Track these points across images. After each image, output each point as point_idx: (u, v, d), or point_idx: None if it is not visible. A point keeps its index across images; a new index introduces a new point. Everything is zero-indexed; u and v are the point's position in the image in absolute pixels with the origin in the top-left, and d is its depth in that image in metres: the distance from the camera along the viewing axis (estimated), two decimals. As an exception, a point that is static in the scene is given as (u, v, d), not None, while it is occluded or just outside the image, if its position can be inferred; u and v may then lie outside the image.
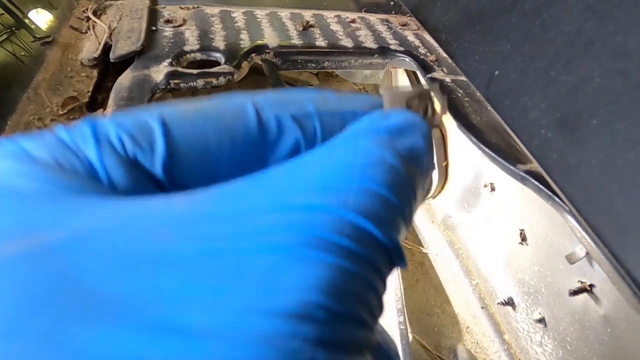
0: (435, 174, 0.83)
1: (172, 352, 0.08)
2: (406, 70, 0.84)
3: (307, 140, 0.15)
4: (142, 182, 0.13)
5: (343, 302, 0.10)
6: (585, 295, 0.53)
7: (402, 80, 0.89)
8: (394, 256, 0.12)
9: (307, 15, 0.76)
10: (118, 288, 0.09)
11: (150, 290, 0.09)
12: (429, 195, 0.89)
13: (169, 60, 0.58)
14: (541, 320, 0.63)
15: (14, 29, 0.63)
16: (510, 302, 0.70)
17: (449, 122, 0.78)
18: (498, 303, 0.71)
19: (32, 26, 0.64)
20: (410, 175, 0.14)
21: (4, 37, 0.61)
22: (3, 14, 0.65)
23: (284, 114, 0.15)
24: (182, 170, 0.13)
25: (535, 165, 0.47)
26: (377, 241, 0.12)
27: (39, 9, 0.69)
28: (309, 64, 0.67)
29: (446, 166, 0.82)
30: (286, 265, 0.10)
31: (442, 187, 0.86)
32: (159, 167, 0.13)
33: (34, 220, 0.10)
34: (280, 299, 0.09)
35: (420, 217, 0.93)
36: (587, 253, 0.47)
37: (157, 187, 0.13)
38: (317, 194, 0.11)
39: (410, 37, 0.74)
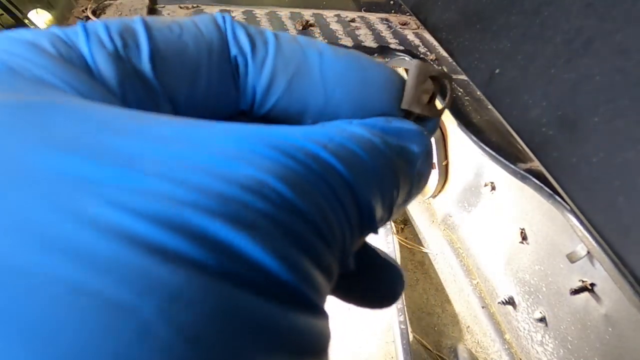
0: (435, 174, 0.83)
1: (115, 176, 0.09)
2: (406, 70, 0.84)
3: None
4: (130, 78, 0.13)
5: (299, 196, 0.10)
6: (586, 294, 0.53)
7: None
8: (363, 206, 0.12)
9: (307, 14, 0.76)
10: (75, 129, 0.09)
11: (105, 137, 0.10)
12: (429, 195, 0.89)
13: (169, 59, 0.58)
14: (542, 320, 0.63)
15: (13, 28, 0.63)
16: (510, 302, 0.70)
17: (449, 121, 0.78)
18: (499, 302, 0.71)
19: (32, 27, 0.64)
20: (395, 165, 0.14)
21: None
22: (3, 14, 0.65)
23: (253, 31, 0.15)
24: (166, 72, 0.13)
25: (535, 164, 0.47)
26: (344, 179, 0.12)
27: (39, 10, 0.69)
28: (308, 64, 0.67)
29: (446, 165, 0.82)
30: (246, 152, 0.10)
31: (443, 187, 0.86)
32: (146, 62, 0.13)
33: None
34: (240, 170, 0.09)
35: (421, 217, 0.93)
36: (588, 252, 0.47)
37: (144, 88, 0.13)
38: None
39: (410, 36, 0.74)
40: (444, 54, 0.67)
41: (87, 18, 0.66)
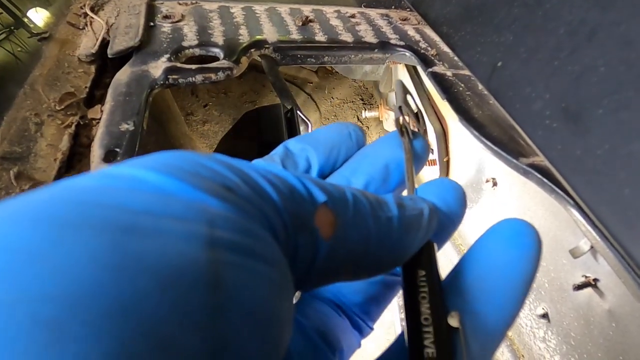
0: (436, 170, 0.83)
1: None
2: (406, 66, 0.84)
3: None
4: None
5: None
6: (589, 289, 0.53)
7: (402, 77, 0.88)
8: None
9: (307, 10, 0.75)
10: None
11: None
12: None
13: (168, 55, 0.57)
14: (544, 316, 0.62)
15: (12, 28, 0.63)
16: (513, 298, 0.69)
17: (450, 116, 0.77)
18: (501, 299, 0.71)
19: (31, 25, 0.63)
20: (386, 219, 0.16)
21: (3, 36, 0.60)
22: (2, 13, 0.64)
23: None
24: None
25: (538, 159, 0.46)
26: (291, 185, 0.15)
27: (38, 8, 0.68)
28: (308, 59, 0.66)
29: (447, 162, 0.82)
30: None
31: (444, 183, 0.86)
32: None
33: None
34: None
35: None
36: (592, 247, 0.47)
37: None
38: None
39: (411, 32, 0.73)
40: (445, 49, 0.67)
41: (85, 15, 0.66)
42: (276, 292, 0.12)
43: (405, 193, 0.21)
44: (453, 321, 0.15)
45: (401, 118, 0.23)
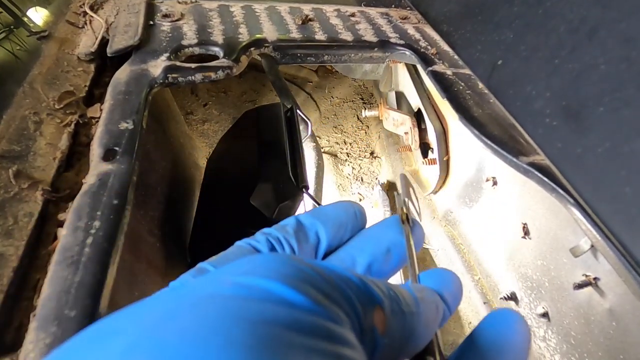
0: (436, 169, 0.83)
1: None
2: (406, 64, 0.83)
3: None
4: None
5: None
6: (589, 288, 0.53)
7: (402, 76, 0.88)
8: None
9: (306, 9, 0.75)
10: None
11: None
12: (430, 191, 0.89)
13: (167, 54, 0.57)
14: (545, 315, 0.62)
15: (12, 27, 0.62)
16: (513, 297, 0.69)
17: (450, 115, 0.77)
18: (500, 298, 0.71)
19: (31, 24, 0.63)
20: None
21: (3, 35, 0.60)
22: (1, 12, 0.64)
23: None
24: None
25: (538, 157, 0.46)
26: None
27: (38, 7, 0.68)
28: (308, 58, 0.66)
29: (447, 161, 0.82)
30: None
31: (444, 182, 0.86)
32: None
33: None
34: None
35: (422, 213, 0.93)
36: (592, 245, 0.47)
37: None
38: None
39: (411, 31, 0.73)
40: (445, 47, 0.67)
41: (85, 13, 0.66)
42: None
43: (401, 277, 0.23)
44: None
45: (404, 208, 0.26)
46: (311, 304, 0.14)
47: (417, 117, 0.85)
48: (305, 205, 0.61)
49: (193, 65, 0.55)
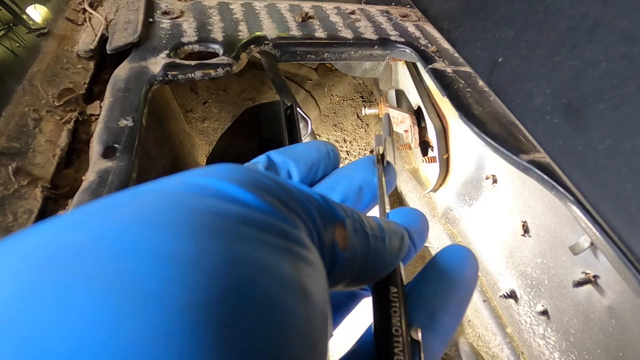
0: (436, 167, 0.83)
1: None
2: (406, 62, 0.83)
3: None
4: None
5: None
6: (589, 286, 0.53)
7: (402, 74, 0.88)
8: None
9: (306, 6, 0.75)
10: None
11: None
12: (429, 189, 0.89)
13: (167, 51, 0.57)
14: (544, 313, 0.62)
15: (11, 24, 0.62)
16: (512, 295, 0.69)
17: (450, 113, 0.77)
18: (500, 296, 0.71)
19: (30, 22, 0.63)
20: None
21: (2, 32, 0.60)
22: (1, 10, 0.64)
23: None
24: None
25: (538, 155, 0.46)
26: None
27: (37, 5, 0.68)
28: (308, 56, 0.66)
29: (447, 159, 0.82)
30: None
31: (443, 180, 0.86)
32: None
33: None
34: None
35: (421, 210, 0.93)
36: (592, 243, 0.47)
37: None
38: None
39: (411, 28, 0.73)
40: (446, 45, 0.67)
41: (84, 10, 0.66)
42: (326, 294, 0.14)
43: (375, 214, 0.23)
44: (415, 334, 0.18)
45: (381, 148, 0.26)
46: (264, 205, 0.14)
47: (417, 115, 0.85)
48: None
49: (193, 63, 0.55)
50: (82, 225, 0.11)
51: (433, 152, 0.82)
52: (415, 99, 0.84)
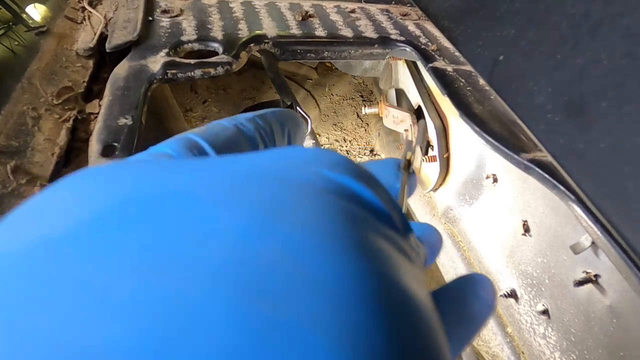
0: (436, 166, 0.83)
1: None
2: (406, 61, 0.83)
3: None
4: None
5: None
6: (590, 285, 0.52)
7: (402, 73, 0.88)
8: None
9: (306, 5, 0.75)
10: None
11: None
12: (430, 188, 0.88)
13: (166, 50, 0.57)
14: (545, 312, 0.62)
15: (11, 23, 0.62)
16: (513, 294, 0.69)
17: (450, 112, 0.77)
18: (500, 295, 0.70)
19: (29, 20, 0.63)
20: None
21: (1, 31, 0.60)
22: (0, 8, 0.64)
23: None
24: None
25: (539, 154, 0.46)
26: None
27: (37, 4, 0.68)
28: (308, 55, 0.66)
29: (447, 158, 0.82)
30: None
31: (444, 179, 0.86)
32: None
33: None
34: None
35: (421, 210, 0.93)
36: (593, 242, 0.46)
37: None
38: None
39: (411, 27, 0.73)
40: (446, 44, 0.67)
41: (83, 9, 0.65)
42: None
43: None
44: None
45: (410, 154, 0.26)
46: (386, 210, 0.14)
47: (417, 114, 0.85)
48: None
49: (192, 61, 0.55)
50: (266, 236, 0.10)
51: (433, 152, 0.82)
52: (415, 98, 0.84)
